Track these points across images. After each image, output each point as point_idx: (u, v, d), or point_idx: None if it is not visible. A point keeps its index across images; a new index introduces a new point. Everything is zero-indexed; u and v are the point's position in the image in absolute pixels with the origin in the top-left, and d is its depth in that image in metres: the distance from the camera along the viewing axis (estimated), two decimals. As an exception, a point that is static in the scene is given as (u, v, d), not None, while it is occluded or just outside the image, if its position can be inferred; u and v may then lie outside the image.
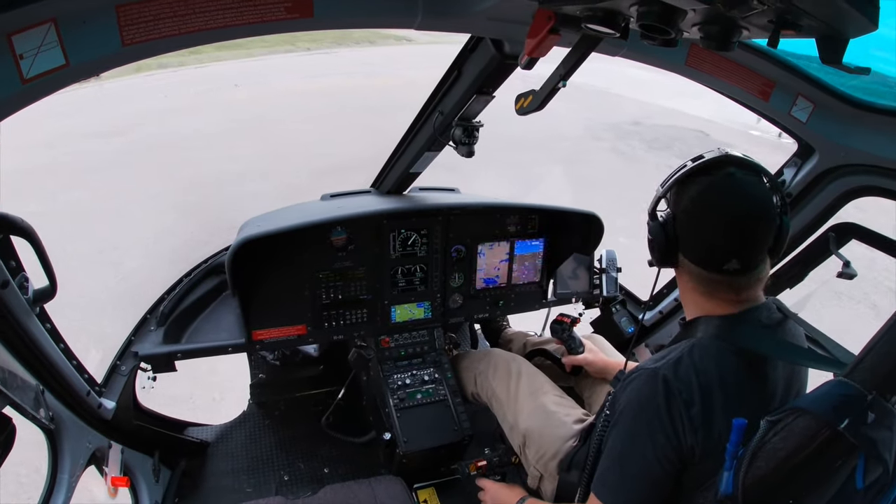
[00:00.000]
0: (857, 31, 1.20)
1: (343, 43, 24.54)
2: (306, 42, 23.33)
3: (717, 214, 1.63)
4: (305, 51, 22.97)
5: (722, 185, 1.63)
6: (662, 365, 1.65)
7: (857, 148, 2.29)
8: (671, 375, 1.62)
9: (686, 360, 1.64)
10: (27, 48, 1.24)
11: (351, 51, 24.07)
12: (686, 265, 1.72)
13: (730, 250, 1.62)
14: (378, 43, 25.57)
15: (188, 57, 19.01)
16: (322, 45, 23.58)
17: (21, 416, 1.79)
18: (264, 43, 21.62)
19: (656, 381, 1.63)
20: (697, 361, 1.63)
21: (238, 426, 3.83)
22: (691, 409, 1.59)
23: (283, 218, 2.88)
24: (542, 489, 2.49)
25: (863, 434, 1.27)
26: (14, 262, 1.74)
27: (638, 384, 1.68)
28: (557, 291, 3.57)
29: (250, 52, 20.99)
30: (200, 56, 19.50)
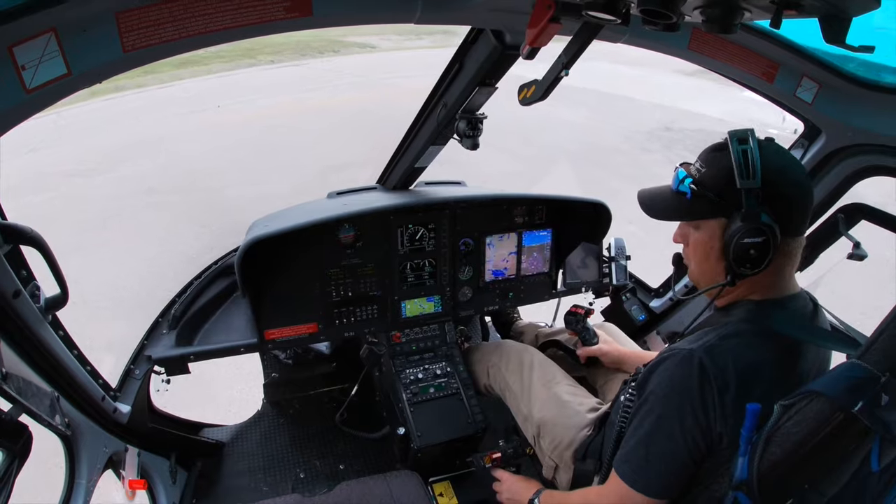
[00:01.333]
0: (860, 10, 1.19)
1: (306, 53, 24.10)
2: (268, 55, 22.93)
3: (798, 181, 1.65)
4: (269, 64, 22.51)
5: (795, 159, 1.68)
6: (698, 347, 1.63)
7: (863, 128, 2.27)
8: (707, 360, 1.60)
9: (722, 345, 1.63)
10: (29, 59, 1.24)
11: (320, 61, 23.50)
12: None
13: (806, 216, 1.67)
14: (342, 52, 25.05)
15: (146, 77, 18.40)
16: (285, 58, 23.10)
17: (37, 424, 1.81)
18: (221, 58, 21.11)
19: (692, 364, 1.61)
20: (734, 347, 1.62)
21: (253, 426, 3.86)
22: (725, 396, 1.58)
23: (290, 217, 2.89)
24: (558, 479, 2.50)
25: (877, 416, 1.26)
26: (25, 271, 1.75)
27: (671, 365, 1.67)
28: (567, 281, 3.56)
29: (209, 69, 20.48)
30: (160, 75, 19.00)
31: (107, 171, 11.00)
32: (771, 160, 1.60)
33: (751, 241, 1.59)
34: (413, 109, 2.65)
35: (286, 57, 23.18)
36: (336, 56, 24.40)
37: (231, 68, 20.89)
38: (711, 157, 1.71)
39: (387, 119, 14.10)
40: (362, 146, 10.89)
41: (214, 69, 20.38)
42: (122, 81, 17.17)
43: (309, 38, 25.30)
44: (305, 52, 23.92)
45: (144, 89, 17.63)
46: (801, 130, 2.55)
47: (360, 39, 26.22)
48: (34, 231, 1.71)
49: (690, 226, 1.79)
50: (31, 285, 1.77)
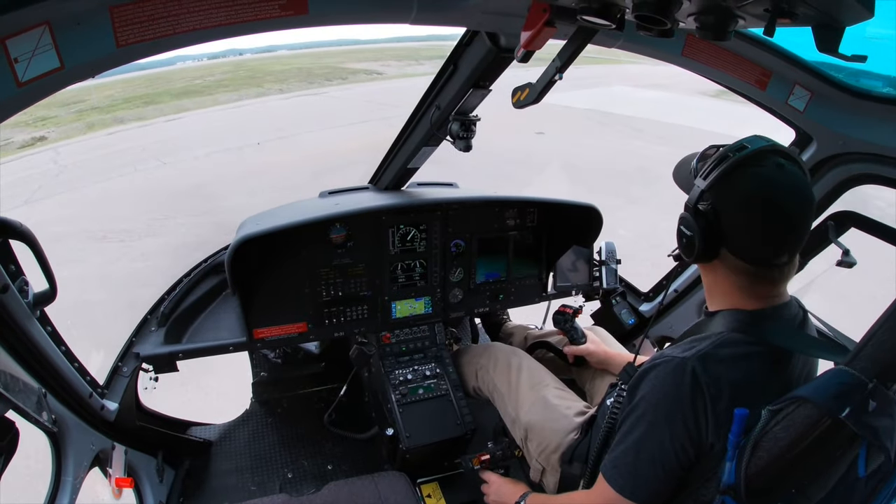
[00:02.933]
0: (854, 19, 1.20)
1: (314, 81, 23.62)
2: (273, 83, 22.30)
3: (776, 211, 1.56)
4: (280, 93, 21.74)
5: (777, 178, 1.56)
6: (691, 356, 1.62)
7: (855, 136, 2.28)
8: (700, 368, 1.59)
9: (715, 354, 1.62)
10: (22, 52, 1.23)
11: (336, 89, 22.74)
12: (728, 259, 1.65)
13: (784, 246, 1.60)
14: (351, 79, 24.61)
15: (147, 109, 17.24)
16: (293, 86, 22.38)
17: (24, 420, 1.80)
18: (225, 87, 20.24)
19: (684, 372, 1.60)
20: (727, 357, 1.62)
21: (241, 425, 3.84)
22: (718, 405, 1.58)
23: (281, 216, 2.88)
24: (545, 482, 2.50)
25: (864, 422, 1.27)
26: (14, 266, 1.74)
27: (663, 372, 1.66)
28: (557, 284, 3.57)
29: (215, 99, 19.56)
30: (161, 106, 17.87)
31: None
32: (750, 179, 1.58)
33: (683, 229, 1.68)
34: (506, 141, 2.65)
35: (294, 85, 22.86)
36: (347, 83, 24.22)
37: (238, 98, 20.41)
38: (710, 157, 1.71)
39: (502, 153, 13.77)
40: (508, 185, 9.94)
41: (220, 99, 19.86)
42: (121, 112, 16.42)
43: (311, 66, 24.99)
44: (312, 80, 23.72)
45: (149, 122, 16.88)
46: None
47: (362, 66, 25.81)
48: (24, 226, 1.70)
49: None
50: (20, 280, 1.76)
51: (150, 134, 15.66)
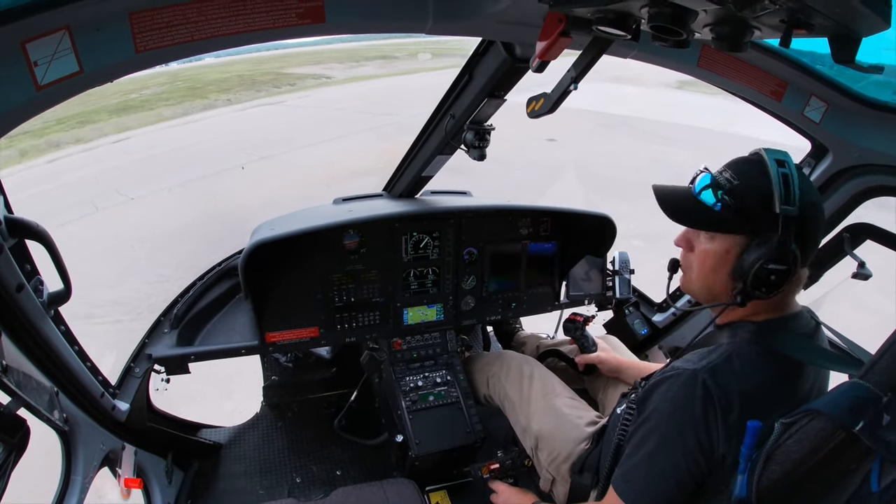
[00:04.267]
0: (870, 30, 1.19)
1: (261, 88, 22.11)
2: (217, 93, 20.62)
3: (823, 218, 1.63)
4: (229, 104, 19.91)
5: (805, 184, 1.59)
6: (702, 368, 1.61)
7: (871, 148, 2.27)
8: (711, 381, 1.58)
9: (726, 366, 1.61)
10: (41, 55, 1.25)
11: (294, 96, 21.15)
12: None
13: (814, 249, 1.63)
14: (299, 85, 23.23)
15: (84, 129, 15.27)
16: (241, 97, 20.84)
17: (35, 418, 1.81)
18: (165, 101, 18.67)
19: (695, 384, 1.59)
20: (738, 368, 1.61)
21: (251, 428, 3.86)
22: (729, 417, 1.57)
23: (295, 221, 2.89)
24: (555, 492, 2.49)
25: (878, 436, 1.25)
26: (29, 265, 1.75)
27: (675, 385, 1.65)
28: (570, 293, 3.57)
29: (158, 114, 17.68)
30: (99, 126, 15.98)
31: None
32: (806, 191, 1.57)
33: (775, 267, 1.57)
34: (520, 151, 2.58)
35: (243, 95, 21.15)
36: (298, 90, 22.45)
37: (184, 112, 18.23)
38: (745, 170, 1.64)
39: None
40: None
41: (165, 114, 17.71)
42: (55, 135, 14.20)
43: (251, 72, 23.84)
44: (259, 88, 22.22)
45: (92, 146, 14.30)
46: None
47: (304, 70, 24.78)
48: (40, 226, 1.72)
49: (703, 234, 1.74)
50: (35, 280, 1.77)
51: (97, 160, 13.58)
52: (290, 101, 20.52)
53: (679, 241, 1.85)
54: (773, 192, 1.55)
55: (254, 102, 20.19)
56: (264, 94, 21.50)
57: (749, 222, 1.61)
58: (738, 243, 1.64)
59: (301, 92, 22.08)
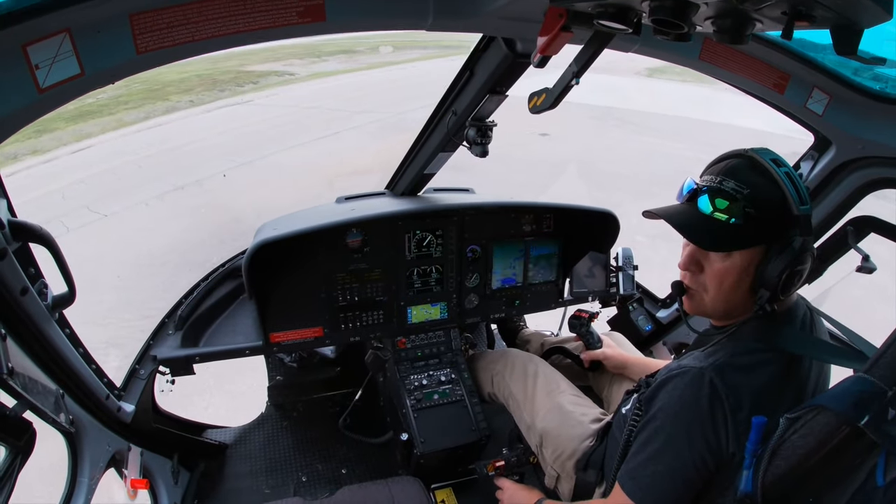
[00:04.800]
0: (872, 21, 1.19)
1: (224, 89, 20.83)
2: (179, 94, 19.34)
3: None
4: (192, 105, 18.52)
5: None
6: (709, 366, 1.61)
7: (874, 140, 2.26)
8: (718, 379, 1.58)
9: (732, 364, 1.61)
10: (42, 58, 1.25)
11: (260, 95, 20.09)
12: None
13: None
14: (262, 83, 21.94)
15: (42, 138, 13.81)
16: (204, 97, 19.50)
17: (41, 420, 1.82)
18: (125, 104, 17.42)
19: (702, 383, 1.59)
20: (744, 365, 1.61)
21: (256, 428, 3.86)
22: (738, 414, 1.57)
23: (298, 221, 2.89)
24: (560, 489, 2.49)
25: (883, 430, 1.25)
26: (33, 268, 1.76)
27: (681, 383, 1.65)
28: (574, 290, 3.57)
29: (119, 119, 16.27)
30: (59, 134, 14.52)
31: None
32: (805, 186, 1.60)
33: (801, 268, 1.58)
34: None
35: (205, 95, 19.84)
36: (263, 88, 21.31)
37: (146, 116, 16.83)
38: (751, 178, 1.60)
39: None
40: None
41: (126, 119, 16.30)
42: (11, 147, 12.26)
43: (210, 71, 22.74)
44: (222, 87, 20.98)
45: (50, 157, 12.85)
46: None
47: (265, 67, 23.64)
48: (43, 229, 1.72)
49: (714, 253, 1.69)
50: (39, 283, 1.78)
51: (59, 172, 11.96)
52: (258, 100, 19.49)
53: (686, 263, 1.78)
54: (787, 195, 1.55)
55: (219, 103, 18.99)
56: (228, 94, 20.27)
57: (769, 231, 1.59)
58: (757, 254, 1.62)
59: (267, 90, 21.01)
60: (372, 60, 27.00)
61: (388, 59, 27.36)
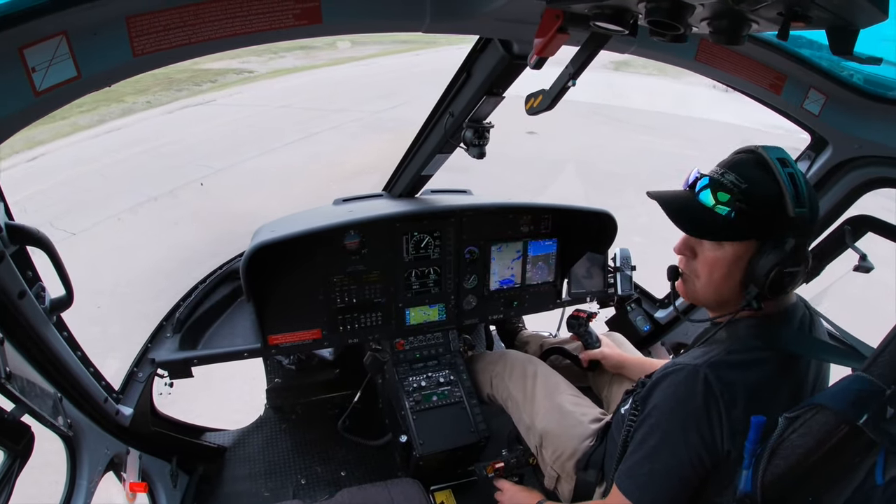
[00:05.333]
0: (868, 21, 1.19)
1: (182, 88, 19.69)
2: (135, 96, 18.00)
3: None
4: (150, 106, 17.36)
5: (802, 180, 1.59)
6: (703, 363, 1.61)
7: (871, 139, 2.27)
8: (713, 376, 1.58)
9: (727, 361, 1.61)
10: (39, 61, 1.25)
11: (222, 94, 19.06)
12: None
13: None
14: (221, 81, 20.83)
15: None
16: (161, 98, 18.30)
17: (40, 424, 1.82)
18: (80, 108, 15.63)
19: (696, 380, 1.60)
20: (738, 362, 1.61)
21: (255, 431, 3.86)
22: (733, 411, 1.57)
23: (296, 223, 2.89)
24: (560, 490, 2.49)
25: (882, 429, 1.25)
26: (31, 272, 1.75)
27: (676, 380, 1.65)
28: (572, 291, 3.57)
29: (73, 123, 15.05)
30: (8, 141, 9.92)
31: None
32: (811, 190, 1.59)
33: (793, 269, 1.58)
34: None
35: (163, 96, 18.51)
36: (223, 87, 20.18)
37: (101, 119, 15.60)
38: (753, 174, 1.61)
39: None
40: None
41: (80, 123, 14.97)
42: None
43: (165, 70, 20.18)
44: (179, 87, 19.75)
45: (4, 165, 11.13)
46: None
47: (221, 65, 22.27)
48: (41, 232, 1.72)
49: (709, 241, 1.71)
50: (37, 286, 1.78)
51: (16, 184, 10.32)
52: (221, 99, 18.40)
53: (680, 248, 1.81)
54: (784, 194, 1.55)
55: (180, 103, 17.82)
56: (186, 94, 19.12)
57: (761, 227, 1.60)
58: (748, 248, 1.63)
59: (228, 89, 19.90)
60: (331, 56, 26.18)
61: (347, 54, 26.56)
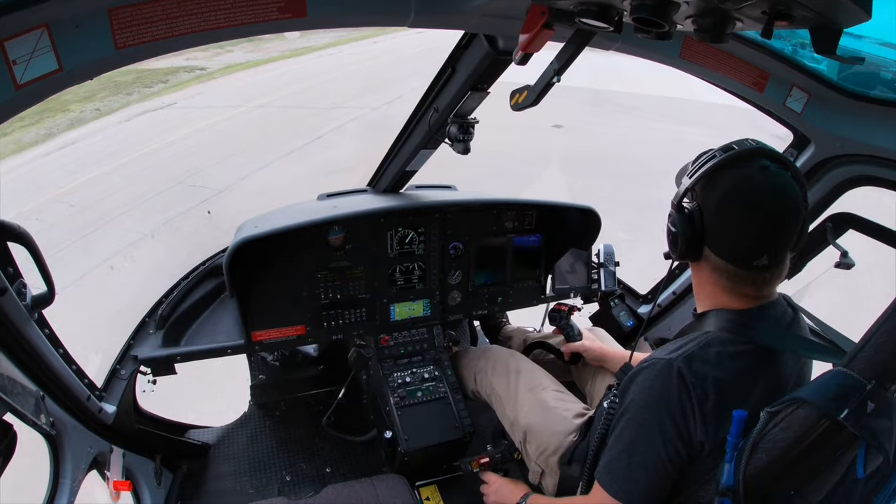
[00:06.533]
0: (851, 21, 1.20)
1: (132, 92, 17.76)
2: (82, 103, 15.97)
3: (754, 211, 1.59)
4: (100, 114, 15.02)
5: (759, 180, 1.58)
6: (677, 357, 1.63)
7: (852, 138, 2.29)
8: (686, 369, 1.60)
9: (701, 354, 1.63)
10: (20, 54, 1.23)
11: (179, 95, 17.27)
12: (711, 259, 1.68)
13: (762, 247, 1.60)
14: (173, 80, 18.92)
15: None
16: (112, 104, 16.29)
17: (22, 423, 1.79)
18: (21, 121, 13.04)
19: (670, 373, 1.61)
20: (713, 356, 1.62)
21: (239, 428, 3.84)
22: (705, 405, 1.59)
23: (279, 218, 2.87)
24: (544, 484, 2.50)
25: (863, 423, 1.27)
26: (12, 268, 1.73)
27: (651, 374, 1.67)
28: (556, 286, 3.58)
29: (18, 141, 12.98)
30: None
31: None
32: (731, 179, 1.61)
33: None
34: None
35: (113, 101, 16.54)
36: (177, 87, 18.31)
37: (48, 132, 13.60)
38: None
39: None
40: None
41: (25, 139, 13.06)
42: None
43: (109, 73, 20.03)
44: (129, 91, 17.85)
45: None
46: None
47: (168, 63, 20.10)
48: (21, 228, 1.70)
49: None
50: (18, 283, 1.75)
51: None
52: (182, 101, 16.73)
53: None
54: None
55: (135, 109, 16.09)
56: (138, 97, 17.24)
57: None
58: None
59: (185, 89, 18.21)
60: (282, 48, 24.80)
61: (298, 45, 25.39)
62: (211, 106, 16.19)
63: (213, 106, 16.21)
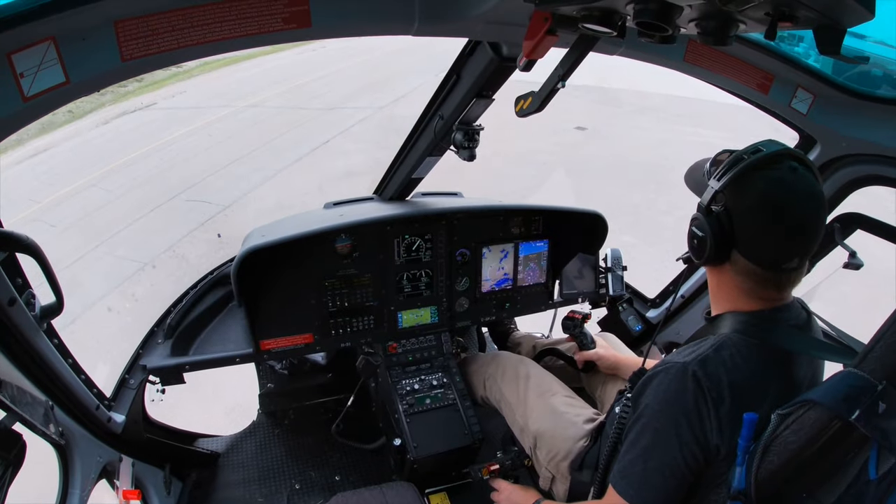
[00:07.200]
0: (855, 21, 1.20)
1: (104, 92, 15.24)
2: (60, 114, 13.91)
3: (788, 214, 1.57)
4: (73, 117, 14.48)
5: (790, 182, 1.56)
6: (692, 360, 1.62)
7: (858, 138, 2.28)
8: (701, 372, 1.59)
9: (716, 357, 1.62)
10: (27, 66, 1.24)
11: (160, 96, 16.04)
12: (739, 262, 1.65)
13: (795, 250, 1.59)
14: (149, 80, 17.20)
15: None
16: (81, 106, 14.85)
17: (31, 433, 1.80)
18: None
19: (686, 377, 1.61)
20: (728, 359, 1.61)
21: (248, 436, 3.84)
22: (721, 408, 1.58)
23: (286, 227, 2.88)
24: (555, 490, 2.49)
25: (874, 424, 1.26)
26: (20, 279, 1.74)
27: (666, 378, 1.66)
28: (563, 292, 3.57)
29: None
30: None
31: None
32: (762, 182, 1.59)
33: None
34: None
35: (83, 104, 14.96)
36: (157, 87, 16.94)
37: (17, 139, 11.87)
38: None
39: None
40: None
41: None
42: None
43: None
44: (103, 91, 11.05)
45: None
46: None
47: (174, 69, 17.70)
48: (30, 239, 1.71)
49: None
50: (27, 293, 1.76)
51: None
52: (162, 102, 15.77)
53: None
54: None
55: (111, 111, 15.06)
56: (111, 98, 16.12)
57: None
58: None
59: (162, 88, 17.09)
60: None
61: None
62: (196, 106, 15.45)
63: (198, 106, 15.47)
